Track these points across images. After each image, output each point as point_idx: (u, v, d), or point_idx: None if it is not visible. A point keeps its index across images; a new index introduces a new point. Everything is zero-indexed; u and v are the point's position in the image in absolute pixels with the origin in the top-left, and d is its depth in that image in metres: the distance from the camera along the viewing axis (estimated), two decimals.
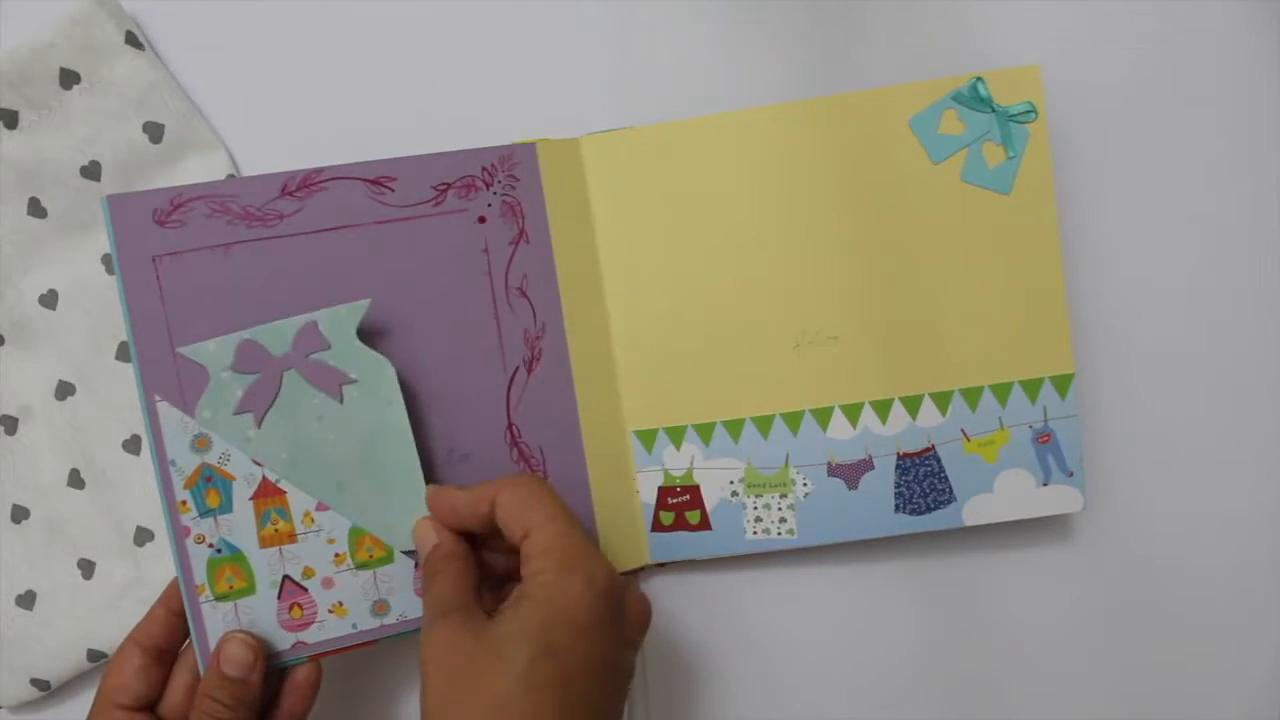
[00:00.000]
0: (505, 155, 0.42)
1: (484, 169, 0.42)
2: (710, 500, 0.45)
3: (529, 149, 0.43)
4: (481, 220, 0.42)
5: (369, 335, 0.41)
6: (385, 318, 0.41)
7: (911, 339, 0.44)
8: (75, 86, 0.44)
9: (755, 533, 0.45)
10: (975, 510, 0.45)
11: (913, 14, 0.47)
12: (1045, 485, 0.44)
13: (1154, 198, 0.48)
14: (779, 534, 0.45)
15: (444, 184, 0.42)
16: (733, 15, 0.47)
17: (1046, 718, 0.48)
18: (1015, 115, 0.43)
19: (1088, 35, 0.47)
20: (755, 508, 0.45)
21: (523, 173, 0.43)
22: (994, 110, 0.43)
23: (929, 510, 0.45)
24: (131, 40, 0.44)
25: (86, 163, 0.44)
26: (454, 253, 0.42)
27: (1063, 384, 0.44)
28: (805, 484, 0.45)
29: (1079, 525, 0.48)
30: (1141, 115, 0.48)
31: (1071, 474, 0.44)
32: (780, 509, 0.45)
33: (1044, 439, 0.44)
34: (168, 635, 0.40)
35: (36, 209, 0.44)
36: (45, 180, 0.44)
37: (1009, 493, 0.45)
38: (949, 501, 0.45)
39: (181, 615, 0.40)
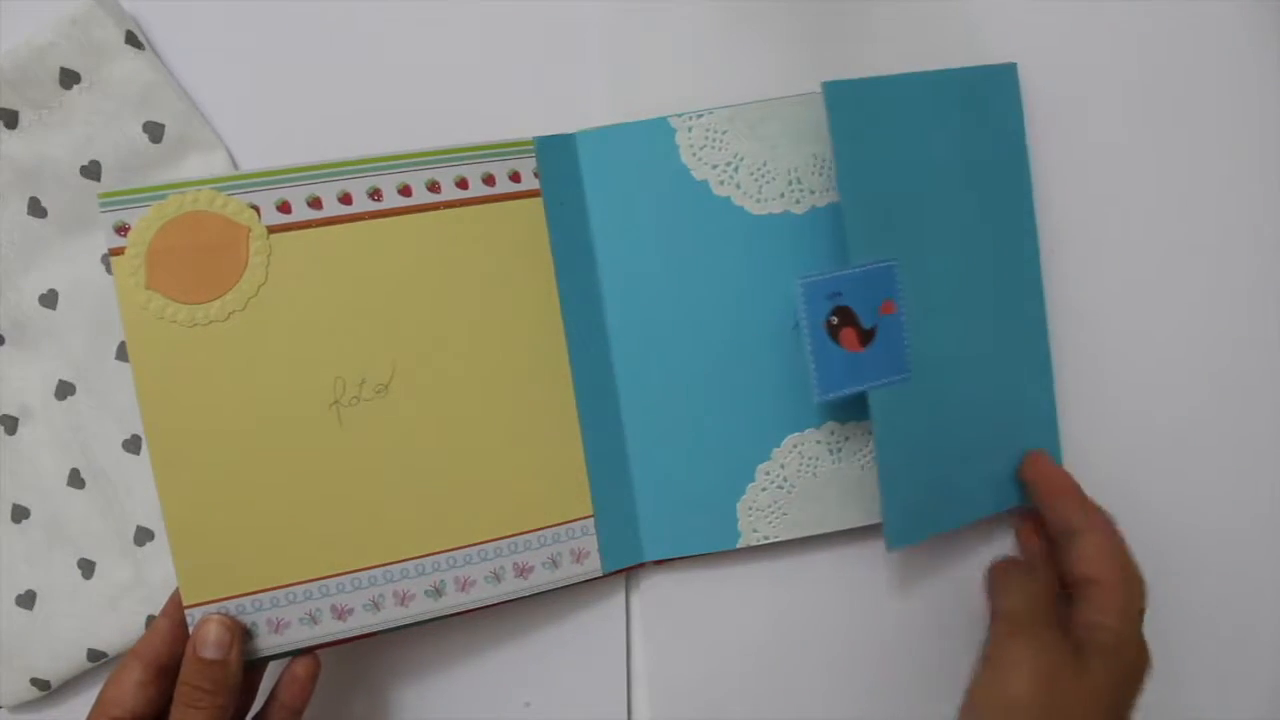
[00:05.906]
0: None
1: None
2: None
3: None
4: None
5: None
6: None
7: None
8: (75, 86, 0.44)
9: None
10: None
11: (911, 10, 0.48)
12: None
13: (1133, 191, 0.49)
14: None
15: None
16: (731, 13, 0.48)
17: None
18: None
19: (1080, 33, 0.48)
20: None
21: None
22: None
23: None
24: (131, 40, 0.44)
25: (86, 162, 0.44)
26: None
27: None
28: None
29: None
30: (1120, 110, 0.49)
31: None
32: None
33: None
34: (169, 649, 0.39)
35: (36, 209, 0.44)
36: (45, 180, 0.44)
37: None
38: None
39: (184, 626, 0.39)
